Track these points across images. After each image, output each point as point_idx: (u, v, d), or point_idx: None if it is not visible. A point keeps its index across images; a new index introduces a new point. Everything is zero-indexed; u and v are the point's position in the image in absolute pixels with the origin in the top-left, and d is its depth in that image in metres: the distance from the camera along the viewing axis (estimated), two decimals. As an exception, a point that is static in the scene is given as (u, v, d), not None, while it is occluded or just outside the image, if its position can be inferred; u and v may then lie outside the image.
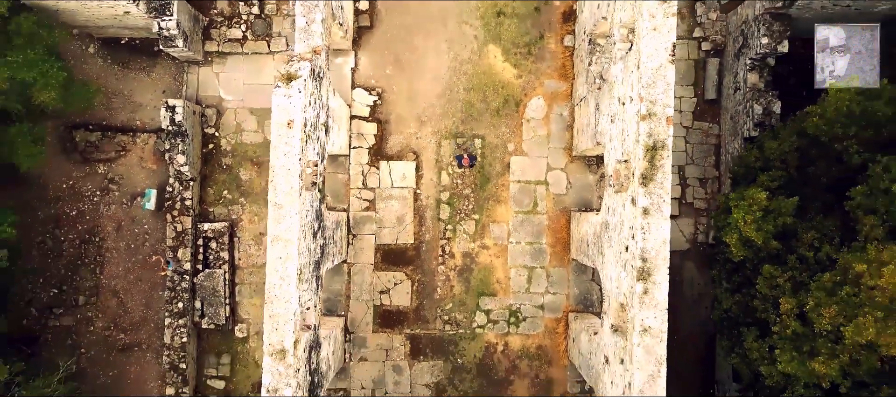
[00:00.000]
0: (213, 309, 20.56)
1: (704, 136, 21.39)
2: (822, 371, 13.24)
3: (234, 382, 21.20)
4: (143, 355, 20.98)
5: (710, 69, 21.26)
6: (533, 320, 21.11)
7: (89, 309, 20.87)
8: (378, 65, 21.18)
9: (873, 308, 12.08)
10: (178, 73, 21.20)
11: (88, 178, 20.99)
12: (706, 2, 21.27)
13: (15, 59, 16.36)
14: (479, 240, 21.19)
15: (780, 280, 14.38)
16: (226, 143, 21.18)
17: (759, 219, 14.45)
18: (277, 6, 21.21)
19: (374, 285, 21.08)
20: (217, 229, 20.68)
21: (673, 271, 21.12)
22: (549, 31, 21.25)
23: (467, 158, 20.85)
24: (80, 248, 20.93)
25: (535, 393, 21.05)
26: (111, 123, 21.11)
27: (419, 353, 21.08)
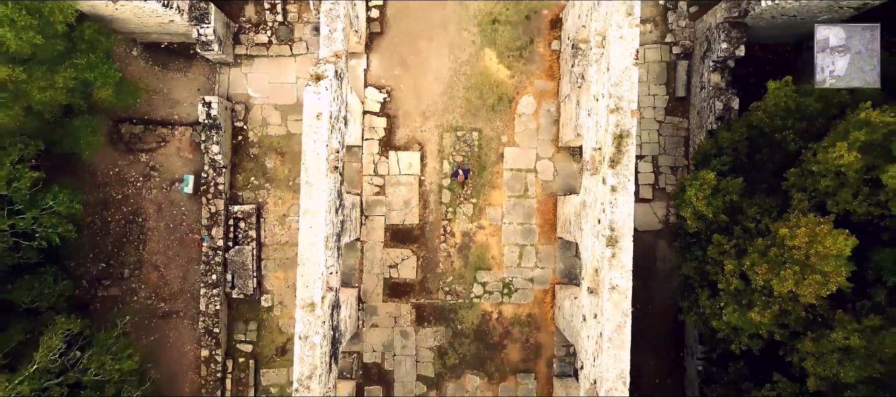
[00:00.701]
0: (242, 281, 23.49)
1: (675, 129, 24.30)
2: (757, 319, 16.16)
3: (260, 346, 24.12)
4: (180, 321, 23.90)
5: (680, 70, 24.18)
6: (524, 291, 24.03)
7: (133, 281, 23.80)
8: (387, 66, 24.09)
9: (792, 263, 14.99)
10: (211, 73, 24.13)
11: (132, 166, 23.91)
12: (676, 10, 24.18)
13: (79, 62, 19.24)
14: (476, 221, 24.10)
15: (727, 247, 17.29)
16: (253, 135, 24.10)
17: (708, 196, 17.38)
18: (299, 14, 24.13)
19: (384, 260, 24.00)
20: (246, 211, 23.60)
21: (647, 249, 24.21)
22: (539, 37, 24.17)
23: (462, 173, 23.70)
24: (125, 227, 23.86)
25: (526, 355, 23.97)
26: (152, 117, 24.04)
27: (424, 320, 23.99)
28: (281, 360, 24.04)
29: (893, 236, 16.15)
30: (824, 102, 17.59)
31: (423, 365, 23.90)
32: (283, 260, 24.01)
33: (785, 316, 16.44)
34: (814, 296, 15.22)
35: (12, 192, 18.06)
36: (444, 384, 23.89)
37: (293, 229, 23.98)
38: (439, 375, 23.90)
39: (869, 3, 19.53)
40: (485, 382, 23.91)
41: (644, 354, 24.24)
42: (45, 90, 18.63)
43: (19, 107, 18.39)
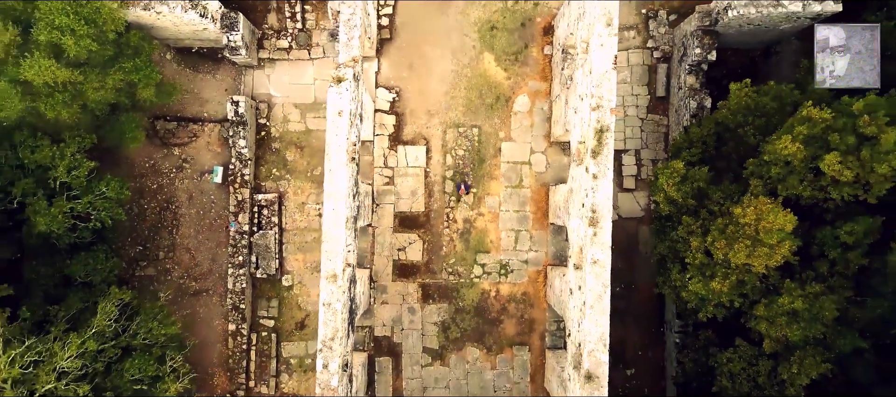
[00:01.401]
0: (266, 263, 26.24)
1: (656, 126, 27.03)
2: (718, 288, 18.89)
3: (281, 321, 26.85)
4: (209, 299, 26.64)
5: (660, 73, 26.91)
6: (519, 272, 26.76)
7: (167, 262, 26.55)
8: (396, 69, 26.82)
9: (744, 238, 17.69)
10: (237, 75, 26.87)
11: (166, 159, 26.66)
12: (657, 19, 26.90)
13: (127, 65, 21.97)
14: (476, 208, 26.83)
15: (694, 227, 20.01)
16: (275, 131, 26.84)
17: (678, 183, 20.10)
18: (316, 22, 26.88)
19: (393, 244, 26.73)
20: (269, 199, 26.35)
21: (630, 234, 26.94)
22: (533, 42, 26.89)
23: (464, 188, 26.40)
24: (159, 214, 26.61)
25: (521, 329, 26.71)
26: (184, 115, 26.78)
27: (429, 298, 26.72)
28: (300, 334, 26.78)
29: (834, 217, 18.85)
30: (779, 101, 20.30)
31: (428, 338, 26.63)
32: (302, 243, 26.75)
33: (742, 285, 19.17)
34: (763, 266, 17.93)
35: (71, 179, 20.79)
36: (447, 355, 26.62)
37: (311, 216, 26.72)
38: (443, 347, 26.63)
39: (822, 14, 22.24)
40: (484, 354, 26.64)
41: (628, 329, 26.99)
42: (97, 90, 21.36)
43: (76, 106, 21.11)
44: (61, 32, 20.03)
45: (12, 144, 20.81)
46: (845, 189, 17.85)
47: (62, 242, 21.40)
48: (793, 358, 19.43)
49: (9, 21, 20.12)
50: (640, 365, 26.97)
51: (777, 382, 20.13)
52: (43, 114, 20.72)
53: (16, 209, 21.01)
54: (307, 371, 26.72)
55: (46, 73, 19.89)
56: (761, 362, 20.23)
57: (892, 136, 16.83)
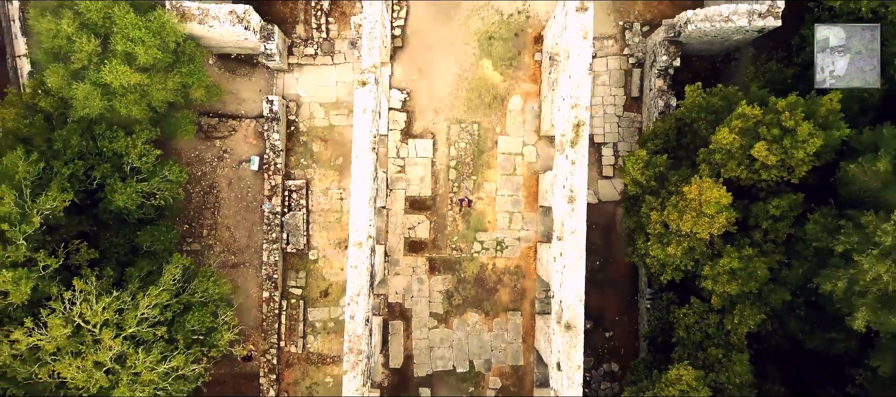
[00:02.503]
0: (295, 239, 30.80)
1: (631, 122, 31.57)
2: (672, 252, 23.44)
3: (307, 290, 31.40)
4: (246, 271, 31.20)
5: (635, 76, 31.47)
6: (513, 248, 31.31)
7: (210, 238, 31.11)
8: (407, 72, 31.37)
9: (690, 210, 22.23)
10: (270, 77, 31.44)
11: (209, 150, 31.23)
12: (632, 30, 31.45)
13: (183, 70, 26.52)
14: (476, 193, 31.37)
15: (655, 204, 24.56)
16: (302, 126, 31.41)
17: (642, 168, 24.66)
18: (338, 32, 31.46)
19: (404, 223, 31.27)
20: (298, 184, 30.92)
21: (609, 215, 31.44)
22: (525, 50, 31.44)
23: (466, 202, 30.89)
24: (203, 197, 31.17)
25: (514, 297, 31.25)
26: (225, 112, 31.36)
27: (435, 270, 31.27)
28: (324, 301, 31.34)
29: (766, 194, 23.39)
30: (726, 100, 24.85)
31: (434, 304, 31.17)
32: (326, 223, 31.32)
33: (692, 251, 23.72)
34: (707, 233, 22.48)
35: (141, 164, 25.34)
36: (450, 319, 31.17)
37: (334, 199, 31.29)
38: (447, 312, 31.17)
39: (765, 28, 26.82)
40: (482, 317, 31.19)
41: (607, 298, 31.56)
42: (160, 91, 25.93)
43: (144, 104, 25.66)
44: (134, 43, 24.59)
45: (93, 136, 25.33)
46: (773, 171, 22.40)
47: (131, 217, 25.95)
48: (735, 311, 24.02)
49: (91, 34, 24.66)
50: (617, 328, 31.51)
51: (723, 332, 24.67)
52: (117, 111, 25.27)
53: (94, 190, 25.55)
54: (330, 333, 31.28)
55: (122, 76, 24.42)
56: (710, 316, 24.78)
57: (806, 128, 21.37)
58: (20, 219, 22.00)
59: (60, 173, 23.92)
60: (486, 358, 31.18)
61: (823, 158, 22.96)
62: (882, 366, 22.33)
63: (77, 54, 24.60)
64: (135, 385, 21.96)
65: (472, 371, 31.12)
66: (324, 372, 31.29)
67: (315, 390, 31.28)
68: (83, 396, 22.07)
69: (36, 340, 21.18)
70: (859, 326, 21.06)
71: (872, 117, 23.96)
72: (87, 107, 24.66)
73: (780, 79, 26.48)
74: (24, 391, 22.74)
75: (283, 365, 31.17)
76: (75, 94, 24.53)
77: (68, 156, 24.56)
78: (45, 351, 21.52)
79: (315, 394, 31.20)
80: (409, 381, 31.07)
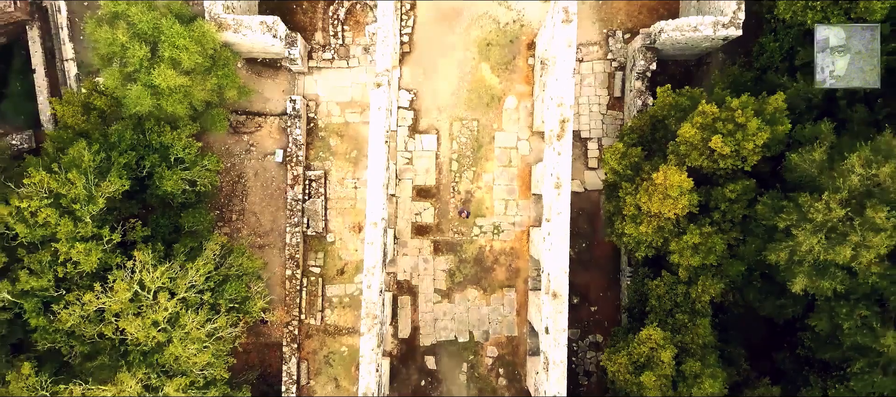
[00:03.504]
0: (315, 223, 34.91)
1: (614, 119, 35.71)
2: (644, 230, 27.57)
3: (325, 270, 35.51)
4: (271, 251, 35.32)
5: (617, 78, 35.62)
6: (508, 231, 35.44)
7: (239, 222, 35.23)
8: (414, 75, 35.50)
9: (657, 193, 26.34)
10: (292, 79, 35.57)
11: (238, 144, 35.36)
12: (615, 37, 35.58)
13: (220, 72, 30.63)
14: (475, 182, 35.49)
15: (630, 189, 28.68)
16: (321, 123, 35.53)
17: (619, 159, 28.79)
18: (353, 39, 35.60)
19: (411, 209, 35.40)
20: (317, 175, 35.04)
21: (594, 203, 35.55)
22: (519, 55, 35.58)
23: (465, 213, 34.97)
24: (232, 186, 35.29)
25: (509, 275, 35.37)
26: (251, 110, 35.48)
27: (438, 251, 35.38)
28: (340, 278, 35.46)
29: (723, 180, 27.51)
30: (692, 100, 28.96)
31: (438, 281, 35.30)
32: (342, 209, 35.44)
33: (661, 230, 27.86)
34: (672, 213, 26.60)
35: (185, 155, 29.45)
36: (452, 294, 35.29)
37: (349, 188, 35.42)
38: (449, 289, 35.30)
39: (729, 37, 30.96)
40: (481, 294, 35.31)
41: (592, 276, 35.69)
42: (200, 91, 30.04)
43: (186, 102, 29.77)
44: (178, 50, 28.70)
45: (143, 130, 29.42)
46: (728, 160, 26.52)
47: (175, 201, 30.07)
48: (698, 282, 28.16)
49: (142, 42, 28.77)
50: (601, 303, 35.64)
51: (689, 301, 28.79)
52: (164, 109, 29.38)
53: (143, 177, 29.65)
54: (346, 307, 35.40)
55: (169, 79, 28.52)
56: (678, 287, 28.91)
57: (755, 123, 25.50)
58: (87, 201, 26.11)
59: (117, 162, 28.02)
60: (485, 329, 35.30)
61: (773, 149, 27.11)
62: (819, 325, 26.47)
63: (130, 59, 28.69)
64: (185, 342, 26.06)
65: (472, 341, 35.26)
66: (339, 342, 35.41)
67: (332, 358, 35.40)
68: (142, 350, 26.18)
69: (103, 302, 25.29)
70: (798, 289, 25.18)
71: (816, 114, 28.10)
72: (138, 105, 28.76)
73: (741, 81, 30.61)
74: (90, 348, 26.84)
75: (304, 335, 35.29)
76: (129, 93, 28.64)
77: (123, 148, 28.66)
78: (110, 311, 25.63)
79: (332, 362, 35.32)
80: (415, 350, 35.21)
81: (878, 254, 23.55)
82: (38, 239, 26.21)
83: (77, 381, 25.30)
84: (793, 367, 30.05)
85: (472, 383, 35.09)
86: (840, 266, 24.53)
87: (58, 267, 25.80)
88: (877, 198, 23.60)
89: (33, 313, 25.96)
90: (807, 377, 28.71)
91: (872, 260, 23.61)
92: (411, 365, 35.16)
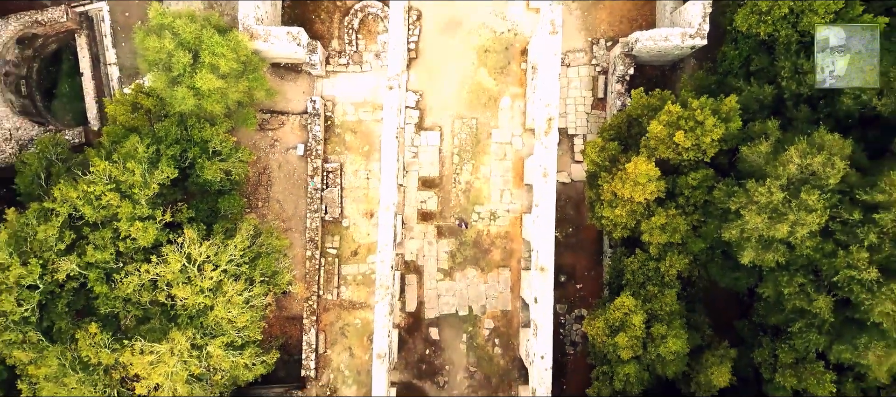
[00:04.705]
0: (332, 210, 39.82)
1: (597, 118, 40.62)
2: (619, 213, 32.47)
3: (341, 251, 40.41)
4: (292, 235, 40.22)
5: (600, 81, 40.52)
6: (503, 218, 40.33)
7: (264, 209, 40.14)
8: (420, 78, 40.40)
9: (629, 181, 31.21)
10: (311, 82, 40.48)
11: (263, 139, 40.26)
12: (599, 44, 40.49)
13: (251, 76, 35.50)
14: (474, 174, 40.39)
15: (607, 178, 33.55)
16: (337, 120, 40.45)
17: (598, 152, 33.67)
18: (366, 46, 40.50)
19: (417, 198, 40.29)
20: (334, 167, 39.95)
21: (580, 192, 40.41)
22: (514, 61, 40.48)
23: (464, 225, 39.82)
24: (258, 177, 40.20)
25: (504, 256, 40.26)
26: (275, 109, 40.39)
27: (441, 235, 40.28)
28: (354, 259, 40.38)
29: (687, 170, 32.38)
30: (661, 100, 33.82)
31: (441, 262, 40.19)
32: (356, 197, 40.33)
33: (634, 213, 32.76)
34: (642, 197, 31.47)
35: (221, 148, 34.32)
36: (454, 273, 40.19)
37: (361, 179, 40.30)
38: (451, 268, 40.20)
39: (695, 46, 35.87)
40: (479, 273, 40.22)
41: (578, 258, 40.59)
42: (234, 93, 34.92)
43: (223, 103, 34.65)
44: (217, 57, 33.56)
45: (185, 126, 34.29)
46: (690, 153, 31.40)
47: (212, 188, 34.96)
48: (666, 258, 33.04)
49: (186, 50, 33.61)
50: (586, 281, 40.55)
51: (659, 275, 33.66)
52: (204, 108, 34.25)
53: (186, 167, 34.52)
54: (359, 284, 40.29)
55: (209, 82, 33.36)
56: (650, 263, 33.80)
57: (711, 121, 30.37)
58: (143, 186, 30.99)
59: (165, 154, 32.89)
60: (482, 304, 40.20)
61: (729, 143, 32.02)
62: (766, 292, 31.38)
63: (175, 65, 33.54)
64: (227, 306, 30.92)
65: (471, 314, 40.15)
66: (354, 315, 40.31)
67: (346, 329, 40.30)
68: (189, 314, 31.04)
69: (158, 272, 30.16)
70: (746, 261, 30.06)
71: (767, 113, 32.98)
72: (182, 104, 33.62)
73: (706, 84, 35.53)
74: (142, 313, 31.72)
75: (322, 309, 40.19)
76: (174, 94, 33.50)
77: (169, 141, 33.53)
78: (163, 280, 30.51)
79: (347, 333, 40.22)
80: (421, 322, 40.11)
81: (811, 231, 28.43)
82: (101, 219, 31.08)
83: (137, 337, 30.16)
84: (750, 334, 34.96)
85: (471, 352, 40.01)
86: (781, 241, 29.40)
87: (119, 242, 30.69)
88: (810, 183, 28.50)
89: (97, 282, 30.81)
90: (761, 341, 33.61)
91: (806, 235, 28.50)
92: (417, 335, 40.07)
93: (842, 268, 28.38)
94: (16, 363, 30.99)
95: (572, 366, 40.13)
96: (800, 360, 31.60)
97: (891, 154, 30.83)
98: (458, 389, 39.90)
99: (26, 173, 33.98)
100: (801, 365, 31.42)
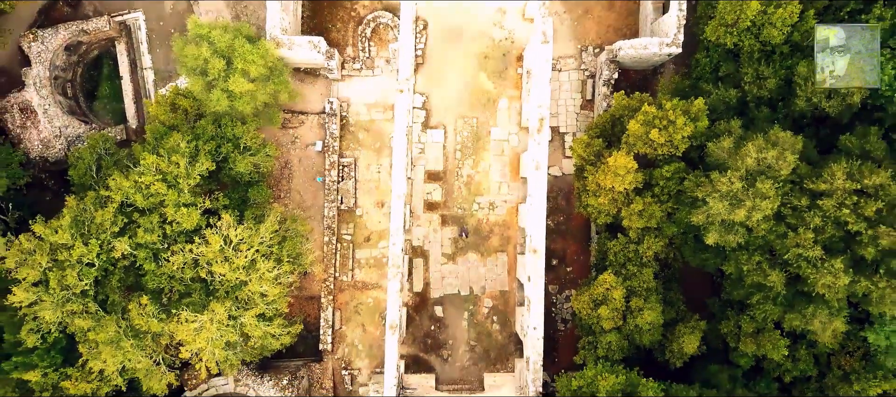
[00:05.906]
0: (347, 200, 44.80)
1: (586, 118, 45.57)
2: (602, 201, 37.41)
3: (355, 237, 45.38)
4: (311, 223, 45.18)
5: (589, 84, 45.49)
6: (501, 207, 45.29)
7: (285, 200, 45.11)
8: (427, 82, 45.36)
9: (610, 173, 36.12)
10: (327, 84, 45.47)
11: (284, 136, 45.25)
12: (588, 51, 45.43)
13: (276, 79, 40.43)
14: (475, 168, 45.34)
15: (592, 171, 38.48)
16: (352, 120, 45.43)
17: (584, 148, 38.62)
18: (377, 52, 45.49)
19: (424, 189, 45.24)
20: (349, 162, 44.92)
21: (570, 184, 45.37)
22: (511, 66, 45.43)
23: (465, 234, 44.73)
24: (280, 171, 45.19)
25: (502, 242, 45.20)
26: (295, 109, 45.37)
27: (445, 223, 45.25)
28: (367, 244, 45.35)
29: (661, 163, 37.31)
30: (640, 102, 38.75)
31: (444, 247, 45.15)
32: (369, 189, 45.32)
33: (615, 201, 37.71)
34: (621, 187, 36.41)
35: (251, 144, 39.26)
36: (456, 257, 45.16)
37: (374, 173, 45.28)
38: (454, 253, 45.17)
39: (672, 53, 40.84)
40: (479, 257, 45.18)
41: (568, 243, 45.56)
42: (262, 95, 39.87)
43: (253, 104, 39.59)
44: (248, 63, 38.49)
45: (220, 125, 39.24)
46: (664, 148, 36.35)
47: (243, 180, 39.93)
48: (644, 240, 38.00)
49: (220, 57, 38.55)
50: (575, 265, 45.52)
51: (638, 256, 38.61)
52: (236, 108, 39.20)
53: (220, 161, 39.47)
54: (372, 267, 45.26)
55: (241, 86, 38.29)
56: (630, 246, 38.76)
57: (681, 120, 35.32)
58: (186, 176, 35.94)
59: (203, 149, 37.85)
60: (482, 285, 45.16)
61: (699, 140, 36.98)
62: (729, 269, 36.38)
63: (211, 71, 38.48)
64: (260, 281, 35.88)
65: (472, 294, 45.13)
66: (367, 295, 45.29)
67: (360, 308, 45.26)
68: (226, 288, 36.00)
69: (201, 251, 35.12)
70: (711, 242, 35.01)
71: (732, 114, 37.93)
72: (217, 105, 38.57)
73: (681, 88, 40.51)
74: (184, 288, 36.68)
75: (338, 289, 45.15)
76: (211, 97, 38.45)
77: (206, 138, 38.49)
78: (204, 259, 35.47)
79: (360, 311, 45.18)
80: (427, 301, 45.08)
81: (766, 215, 33.40)
82: (150, 205, 36.04)
83: (181, 308, 35.12)
84: (719, 309, 39.95)
85: (472, 328, 44.98)
86: (740, 224, 34.34)
87: (166, 226, 35.66)
88: (765, 174, 33.47)
89: (146, 260, 35.79)
90: (727, 314, 38.57)
91: (761, 219, 33.46)
92: (423, 313, 45.04)
93: (791, 247, 33.36)
94: (75, 331, 35.96)
95: (563, 341, 45.09)
96: (760, 330, 36.60)
97: (837, 150, 35.82)
98: (460, 361, 44.86)
99: (80, 166, 38.96)
100: (761, 335, 36.41)
